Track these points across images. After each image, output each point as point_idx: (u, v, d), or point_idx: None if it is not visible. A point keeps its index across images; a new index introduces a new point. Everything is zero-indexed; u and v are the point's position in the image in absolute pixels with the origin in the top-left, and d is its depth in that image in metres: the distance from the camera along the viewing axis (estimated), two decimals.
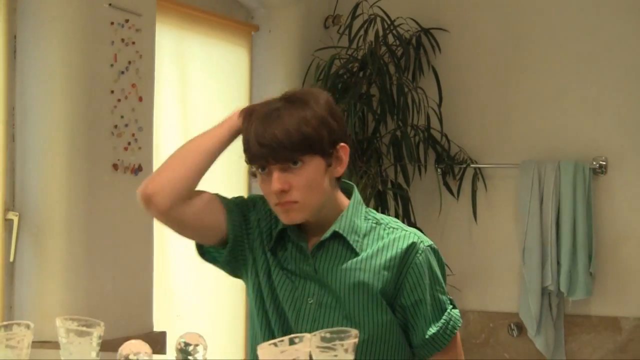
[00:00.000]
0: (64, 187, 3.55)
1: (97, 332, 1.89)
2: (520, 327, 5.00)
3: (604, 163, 4.92)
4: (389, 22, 5.00)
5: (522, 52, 5.06)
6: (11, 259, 3.46)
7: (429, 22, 5.09)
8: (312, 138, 2.05)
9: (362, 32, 5.01)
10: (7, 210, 3.49)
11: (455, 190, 5.07)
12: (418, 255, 2.13)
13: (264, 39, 5.01)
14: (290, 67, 5.03)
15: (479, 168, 5.06)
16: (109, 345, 1.92)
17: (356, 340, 1.78)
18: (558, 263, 4.86)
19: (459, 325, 2.19)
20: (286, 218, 2.11)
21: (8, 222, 3.48)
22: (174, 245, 4.32)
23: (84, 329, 1.87)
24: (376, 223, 2.20)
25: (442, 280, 2.19)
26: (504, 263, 5.02)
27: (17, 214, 3.49)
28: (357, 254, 2.14)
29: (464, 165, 5.05)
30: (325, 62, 4.97)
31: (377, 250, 2.15)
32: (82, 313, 2.25)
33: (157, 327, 3.97)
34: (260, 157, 2.06)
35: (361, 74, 4.97)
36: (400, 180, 4.96)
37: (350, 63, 5.02)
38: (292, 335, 1.72)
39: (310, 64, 5.03)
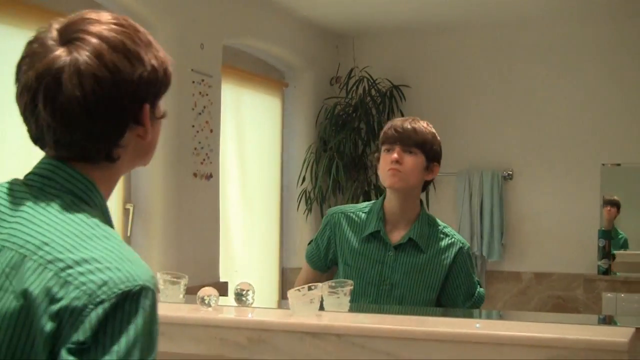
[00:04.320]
0: (162, 188, 3.57)
1: (183, 281, 1.91)
2: None
3: (511, 172, 4.91)
4: (372, 81, 4.99)
5: (457, 100, 5.04)
6: (128, 235, 3.49)
7: (398, 80, 5.08)
8: (427, 141, 2.07)
9: (354, 87, 5.00)
10: (125, 202, 3.51)
11: None
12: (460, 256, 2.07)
13: (291, 92, 5.01)
14: (308, 111, 5.02)
15: None
16: (191, 290, 1.93)
17: (351, 287, 1.78)
18: (481, 237, 4.86)
19: (483, 301, 2.10)
20: (391, 180, 2.03)
21: (126, 210, 3.50)
22: (234, 226, 4.33)
23: (175, 279, 1.89)
24: (436, 229, 2.09)
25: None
26: None
27: (132, 205, 3.51)
28: (423, 252, 2.06)
29: None
30: (330, 107, 4.97)
31: (437, 251, 2.06)
32: (173, 269, 2.27)
33: (222, 279, 3.99)
34: (392, 139, 2.06)
35: (354, 114, 4.96)
36: (380, 184, 4.94)
37: (347, 108, 5.01)
38: (310, 284, 1.72)
39: (321, 108, 5.02)
